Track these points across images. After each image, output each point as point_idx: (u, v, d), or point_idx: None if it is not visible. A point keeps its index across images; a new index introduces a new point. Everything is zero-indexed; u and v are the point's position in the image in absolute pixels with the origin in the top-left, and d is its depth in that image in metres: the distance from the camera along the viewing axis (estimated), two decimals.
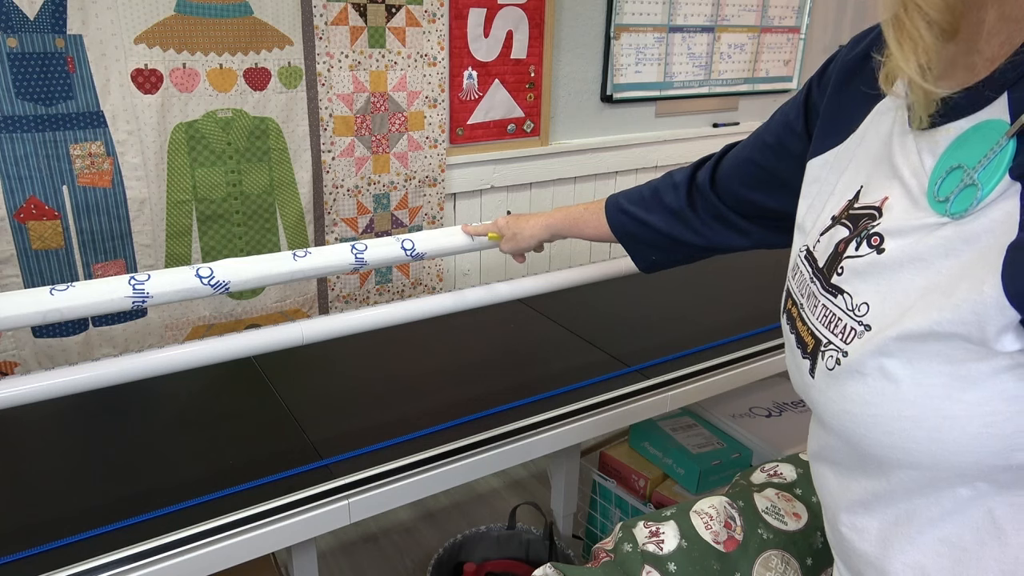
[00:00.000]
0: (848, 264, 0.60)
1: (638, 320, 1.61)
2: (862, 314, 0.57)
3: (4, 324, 0.87)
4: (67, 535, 0.93)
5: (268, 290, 1.73)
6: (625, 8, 2.12)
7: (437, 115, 1.87)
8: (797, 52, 2.61)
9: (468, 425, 1.19)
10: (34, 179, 1.39)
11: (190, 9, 1.46)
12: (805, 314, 0.64)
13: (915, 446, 0.52)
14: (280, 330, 1.12)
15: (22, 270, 1.43)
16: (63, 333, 1.51)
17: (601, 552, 0.83)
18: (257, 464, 1.08)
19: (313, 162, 1.71)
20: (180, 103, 1.51)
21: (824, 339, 0.60)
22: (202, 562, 0.94)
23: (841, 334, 0.58)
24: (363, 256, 1.12)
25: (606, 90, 2.18)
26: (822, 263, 0.63)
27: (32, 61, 1.34)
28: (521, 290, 1.35)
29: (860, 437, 0.56)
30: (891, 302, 0.54)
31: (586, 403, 1.25)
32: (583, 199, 2.24)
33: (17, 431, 1.18)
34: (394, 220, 1.90)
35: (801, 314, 0.65)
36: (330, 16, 1.63)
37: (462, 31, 1.85)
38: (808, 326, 0.63)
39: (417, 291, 2.00)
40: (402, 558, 1.77)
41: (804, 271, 0.66)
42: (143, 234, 1.54)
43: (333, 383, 1.35)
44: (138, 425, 1.21)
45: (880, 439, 0.54)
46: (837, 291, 0.60)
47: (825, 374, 0.59)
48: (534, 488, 2.02)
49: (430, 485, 1.10)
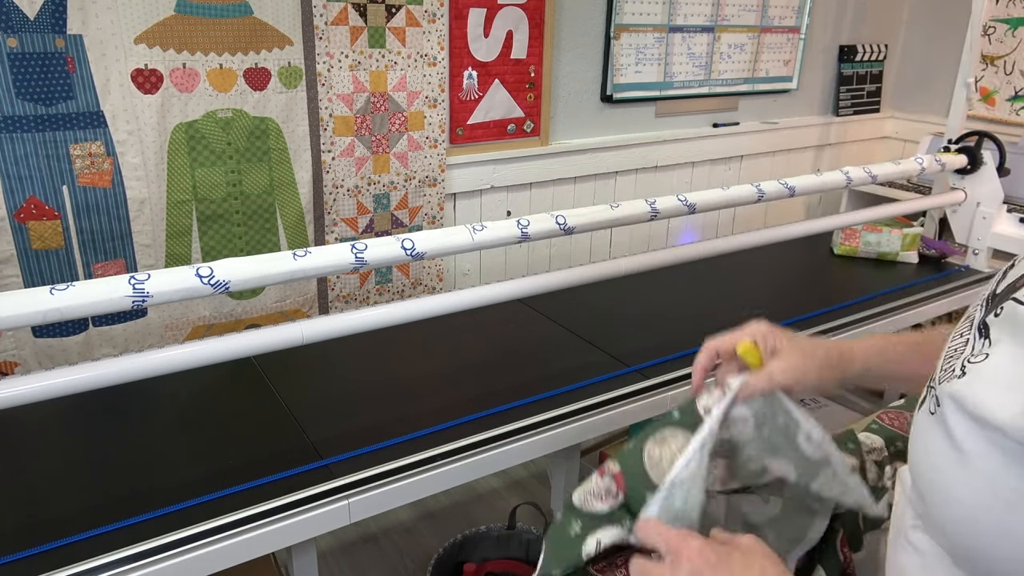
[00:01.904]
0: (1010, 307, 0.54)
1: (638, 320, 1.61)
2: (976, 361, 0.53)
3: (4, 324, 0.87)
4: (67, 535, 0.93)
5: (268, 290, 1.73)
6: (625, 8, 2.12)
7: (437, 115, 1.87)
8: (797, 52, 2.61)
9: (468, 425, 1.19)
10: (34, 179, 1.39)
11: (190, 9, 1.46)
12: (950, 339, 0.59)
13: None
14: (280, 330, 1.12)
15: (22, 270, 1.43)
16: (63, 333, 1.51)
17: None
18: (257, 464, 1.08)
19: (313, 162, 1.71)
20: (180, 103, 1.51)
21: (936, 376, 0.56)
22: (202, 562, 0.94)
23: (942, 373, 0.54)
24: (363, 256, 1.12)
25: (606, 90, 2.18)
26: (999, 288, 0.57)
27: (32, 61, 1.34)
28: (521, 290, 1.35)
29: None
30: (1012, 374, 0.49)
31: (586, 403, 1.25)
32: (583, 199, 2.25)
33: (17, 431, 1.18)
34: (394, 220, 1.89)
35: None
36: (330, 16, 1.63)
37: (462, 31, 1.85)
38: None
39: (417, 291, 2.00)
40: (402, 558, 1.77)
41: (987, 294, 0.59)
42: (143, 234, 1.54)
43: (333, 383, 1.34)
44: (138, 425, 1.20)
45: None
46: (982, 331, 0.55)
47: (926, 416, 0.56)
48: (534, 488, 2.02)
49: (430, 485, 1.10)
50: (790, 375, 0.75)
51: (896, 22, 2.89)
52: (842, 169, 1.58)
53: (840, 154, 2.94)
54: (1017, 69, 2.57)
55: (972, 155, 1.84)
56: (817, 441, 0.75)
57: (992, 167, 1.86)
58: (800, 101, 2.73)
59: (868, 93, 2.90)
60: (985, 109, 2.67)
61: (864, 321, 1.63)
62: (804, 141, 2.79)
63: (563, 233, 1.22)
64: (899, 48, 2.93)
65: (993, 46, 2.61)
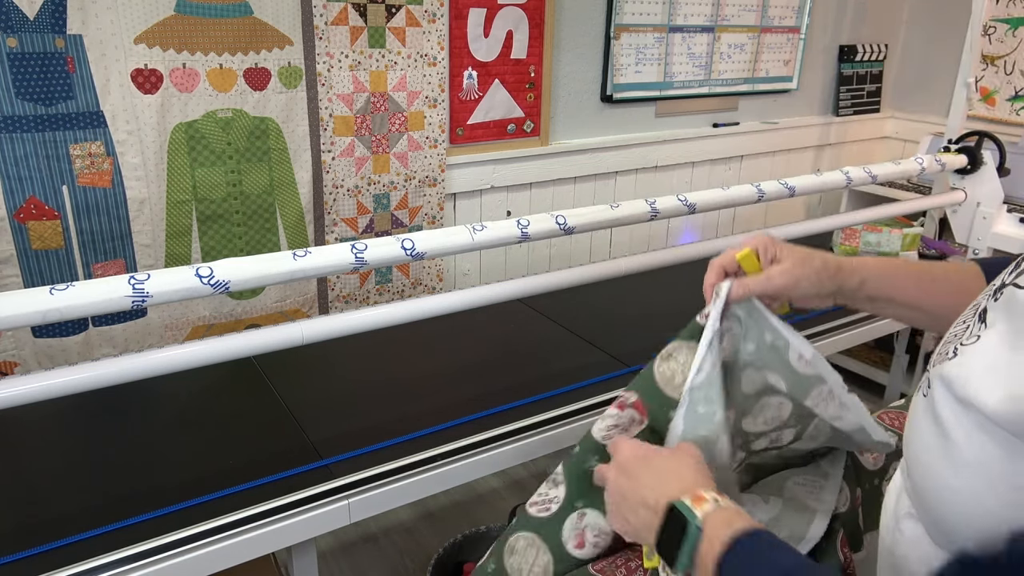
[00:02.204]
0: (1008, 292, 0.54)
1: (638, 320, 1.61)
2: (968, 343, 0.53)
3: (4, 324, 0.87)
4: (67, 535, 0.93)
5: (268, 290, 1.73)
6: (625, 8, 2.12)
7: (437, 115, 1.87)
8: (797, 52, 2.61)
9: (468, 425, 1.19)
10: (34, 179, 1.39)
11: (190, 9, 1.46)
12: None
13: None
14: (280, 330, 1.12)
15: (22, 270, 1.43)
16: (63, 333, 1.51)
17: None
18: (257, 464, 1.08)
19: (313, 162, 1.71)
20: (180, 103, 1.51)
21: (932, 359, 0.57)
22: (202, 562, 0.94)
23: (937, 356, 0.55)
24: (363, 256, 1.12)
25: (606, 90, 2.18)
26: (1008, 279, 0.57)
27: (32, 61, 1.34)
28: (521, 290, 1.35)
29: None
30: (1000, 357, 0.50)
31: (586, 403, 1.25)
32: (583, 199, 2.25)
33: (17, 431, 1.18)
34: (394, 220, 1.89)
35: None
36: (330, 16, 1.63)
37: (462, 31, 1.85)
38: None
39: (417, 291, 2.00)
40: (402, 558, 1.77)
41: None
42: (143, 234, 1.54)
43: (333, 383, 1.35)
44: (138, 425, 1.21)
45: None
46: (982, 317, 0.55)
47: (920, 398, 0.57)
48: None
49: (430, 485, 1.10)
50: (787, 277, 0.75)
51: (896, 22, 2.89)
52: (842, 169, 1.58)
53: (840, 154, 2.94)
54: (1017, 69, 2.57)
55: (972, 155, 1.84)
56: (808, 359, 0.76)
57: (992, 167, 1.86)
58: (800, 101, 2.73)
59: (868, 93, 2.90)
60: (985, 109, 2.67)
61: (864, 321, 1.63)
62: (804, 141, 2.79)
63: (563, 233, 1.22)
64: (899, 48, 2.93)
65: (993, 46, 2.61)
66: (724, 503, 0.61)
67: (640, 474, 0.69)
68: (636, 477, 0.69)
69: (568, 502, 0.82)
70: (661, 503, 0.64)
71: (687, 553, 0.59)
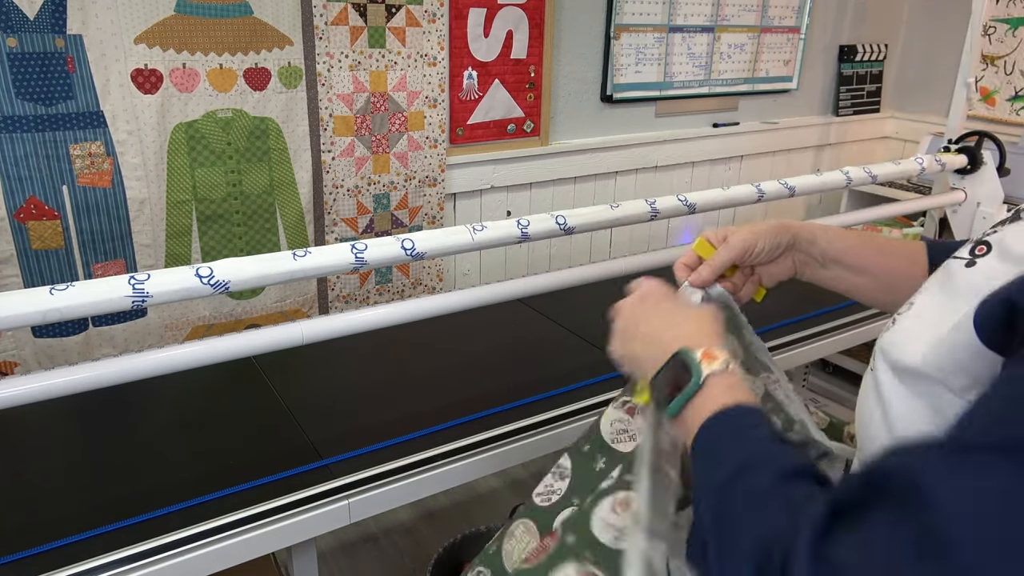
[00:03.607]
0: (948, 264, 0.57)
1: None
2: (903, 312, 0.56)
3: (4, 324, 0.87)
4: (67, 535, 0.93)
5: (268, 290, 1.73)
6: (625, 8, 2.12)
7: (437, 115, 1.87)
8: (797, 52, 2.61)
9: (468, 425, 1.19)
10: (34, 179, 1.39)
11: (190, 9, 1.46)
12: None
13: None
14: (280, 330, 1.12)
15: (22, 270, 1.43)
16: (63, 333, 1.51)
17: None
18: (257, 464, 1.08)
19: (313, 162, 1.71)
20: (180, 103, 1.51)
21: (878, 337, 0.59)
22: (202, 562, 0.94)
23: (881, 332, 0.57)
24: (363, 256, 1.11)
25: (606, 90, 2.18)
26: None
27: (32, 61, 1.34)
28: (521, 290, 1.35)
29: None
30: (926, 319, 0.52)
31: (586, 403, 1.25)
32: (583, 199, 2.25)
33: (17, 431, 1.18)
34: (394, 220, 1.89)
35: None
36: (330, 16, 1.63)
37: (462, 31, 1.85)
38: None
39: (417, 291, 2.00)
40: (402, 558, 1.77)
41: None
42: (143, 234, 1.54)
43: (333, 383, 1.35)
44: (138, 425, 1.20)
45: None
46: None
47: (867, 373, 0.59)
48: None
49: (430, 485, 1.10)
50: (743, 238, 0.78)
51: (896, 22, 2.89)
52: (842, 169, 1.58)
53: (840, 154, 2.94)
54: (1017, 69, 2.57)
55: (972, 155, 1.84)
56: (759, 346, 0.81)
57: (992, 167, 1.86)
58: (800, 101, 2.73)
59: (868, 93, 2.90)
60: (985, 109, 2.67)
61: (864, 322, 1.63)
62: (804, 141, 2.79)
63: (563, 233, 1.22)
64: (899, 48, 2.93)
65: (993, 46, 2.61)
66: (733, 368, 0.59)
67: (660, 308, 0.68)
68: (655, 309, 0.68)
69: (567, 497, 0.83)
70: (673, 345, 0.62)
71: (679, 404, 0.58)
